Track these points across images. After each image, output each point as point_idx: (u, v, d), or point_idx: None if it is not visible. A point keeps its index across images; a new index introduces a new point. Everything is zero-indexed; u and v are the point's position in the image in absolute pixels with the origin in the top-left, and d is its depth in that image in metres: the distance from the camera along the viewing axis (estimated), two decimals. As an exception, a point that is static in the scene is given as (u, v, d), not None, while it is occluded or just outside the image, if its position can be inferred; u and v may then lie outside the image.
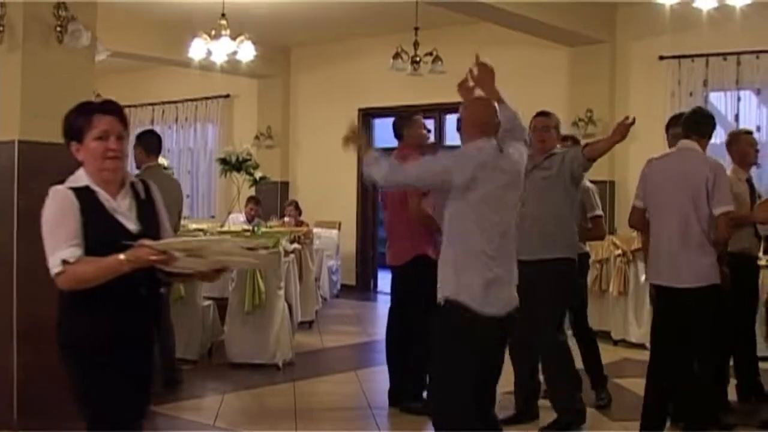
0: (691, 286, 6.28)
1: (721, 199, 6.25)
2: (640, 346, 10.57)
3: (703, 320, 6.34)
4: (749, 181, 7.74)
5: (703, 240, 6.28)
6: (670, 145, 7.40)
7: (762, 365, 7.93)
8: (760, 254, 8.17)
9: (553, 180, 6.98)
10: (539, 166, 7.01)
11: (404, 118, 8.10)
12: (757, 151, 8.14)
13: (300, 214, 14.09)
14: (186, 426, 7.33)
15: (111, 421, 4.04)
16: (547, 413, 7.20)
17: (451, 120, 15.35)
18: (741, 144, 7.82)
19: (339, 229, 15.50)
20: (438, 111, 15.42)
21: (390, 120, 16.31)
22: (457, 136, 5.97)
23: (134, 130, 13.11)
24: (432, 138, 8.06)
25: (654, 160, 6.66)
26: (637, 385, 8.10)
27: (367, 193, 16.35)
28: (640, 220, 6.65)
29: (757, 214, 6.35)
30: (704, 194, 6.25)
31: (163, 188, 8.24)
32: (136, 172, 8.49)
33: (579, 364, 7.63)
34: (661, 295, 6.47)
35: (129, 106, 19.25)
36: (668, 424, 6.62)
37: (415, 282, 7.54)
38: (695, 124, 6.57)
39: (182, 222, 9.71)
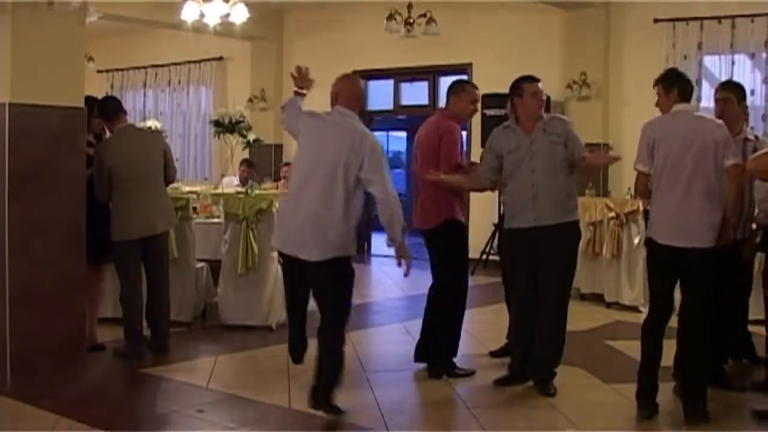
0: (698, 245, 6.31)
1: (730, 153, 6.32)
2: (633, 309, 10.62)
3: (703, 280, 6.38)
4: (746, 141, 7.73)
5: (716, 198, 6.32)
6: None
7: (753, 328, 7.94)
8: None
9: (561, 147, 7.02)
10: (547, 131, 7.06)
11: (457, 84, 7.86)
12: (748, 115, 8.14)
13: (294, 176, 14.04)
14: (179, 388, 7.34)
15: None
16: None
17: (444, 82, 15.33)
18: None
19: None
20: (432, 73, 15.41)
21: (384, 82, 16.39)
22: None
23: (127, 93, 13.16)
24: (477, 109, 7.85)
25: (656, 123, 6.63)
26: (629, 347, 8.15)
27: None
28: (647, 185, 6.61)
29: (749, 164, 6.34)
30: (713, 152, 6.29)
31: (127, 150, 8.28)
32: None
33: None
34: (663, 254, 6.48)
35: (122, 69, 19.25)
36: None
37: (445, 246, 7.65)
38: (686, 88, 6.59)
39: (176, 183, 9.68)
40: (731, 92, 7.27)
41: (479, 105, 7.95)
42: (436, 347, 7.70)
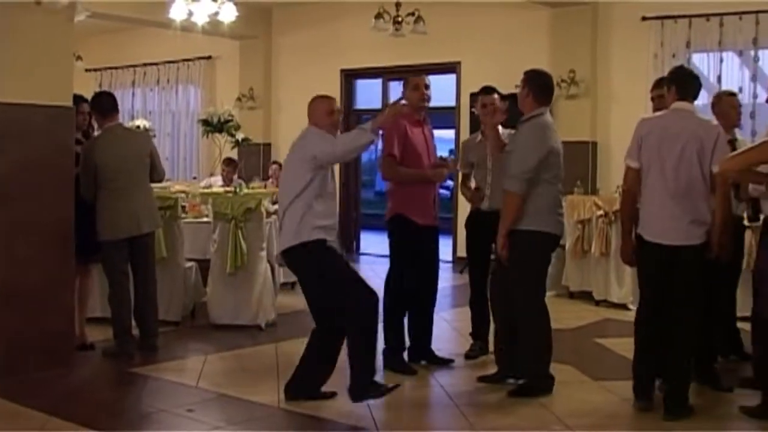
0: (686, 243, 6.36)
1: (718, 158, 6.32)
2: (622, 307, 10.65)
3: (690, 277, 6.43)
4: (732, 142, 7.74)
5: (703, 197, 6.36)
6: (655, 107, 7.43)
7: (741, 324, 7.97)
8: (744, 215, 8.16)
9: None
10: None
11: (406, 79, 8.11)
12: (739, 113, 8.16)
13: (283, 175, 14.03)
14: (168, 387, 7.35)
15: None
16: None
17: (432, 80, 15.34)
18: (724, 106, 7.81)
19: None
20: (421, 71, 15.34)
21: (373, 80, 16.40)
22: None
23: (116, 92, 13.12)
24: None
25: (650, 120, 6.67)
26: (618, 345, 8.18)
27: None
28: (636, 181, 6.63)
29: (720, 165, 6.35)
30: (700, 152, 6.33)
31: (116, 149, 8.29)
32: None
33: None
34: (653, 251, 6.50)
35: (110, 68, 19.21)
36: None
37: (391, 241, 7.88)
38: (685, 87, 6.61)
39: (164, 183, 9.68)
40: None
41: (429, 92, 7.89)
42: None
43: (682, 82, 6.65)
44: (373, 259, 15.28)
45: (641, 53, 12.63)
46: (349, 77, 16.37)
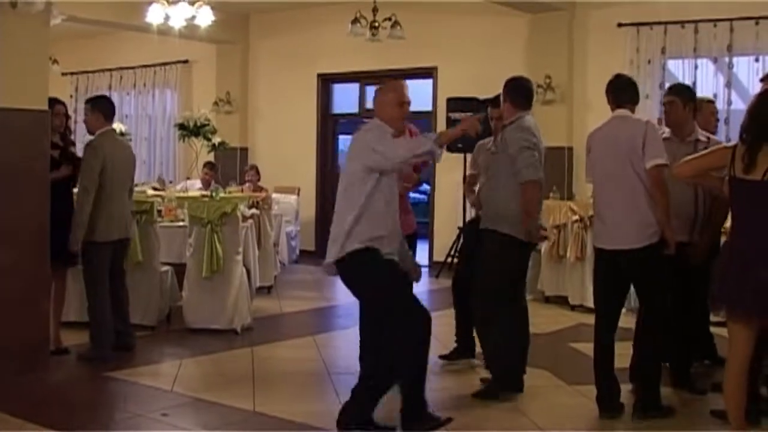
0: (634, 246, 6.45)
1: (653, 153, 6.39)
2: (597, 312, 10.68)
3: (648, 280, 6.54)
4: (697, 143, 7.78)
5: (645, 198, 6.43)
6: (665, 111, 7.54)
7: (715, 329, 8.01)
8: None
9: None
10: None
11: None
12: (717, 119, 8.23)
13: (259, 179, 14.07)
14: (144, 392, 7.33)
15: None
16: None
17: (409, 85, 15.35)
18: (704, 112, 7.86)
19: (298, 194, 15.48)
20: (398, 77, 15.36)
21: (350, 85, 16.41)
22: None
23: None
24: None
25: (592, 134, 6.82)
26: (592, 349, 8.19)
27: (327, 159, 16.38)
28: None
29: (674, 169, 6.40)
30: (633, 152, 6.42)
31: (117, 152, 8.36)
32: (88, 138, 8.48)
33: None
34: (606, 258, 6.61)
35: (86, 72, 19.15)
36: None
37: None
38: (623, 92, 6.71)
39: (141, 187, 9.69)
40: (675, 95, 7.36)
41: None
42: None
43: (613, 91, 6.76)
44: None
45: (617, 59, 12.67)
46: (326, 82, 16.37)
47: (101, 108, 8.50)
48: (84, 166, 8.17)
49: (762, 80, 7.39)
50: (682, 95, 7.34)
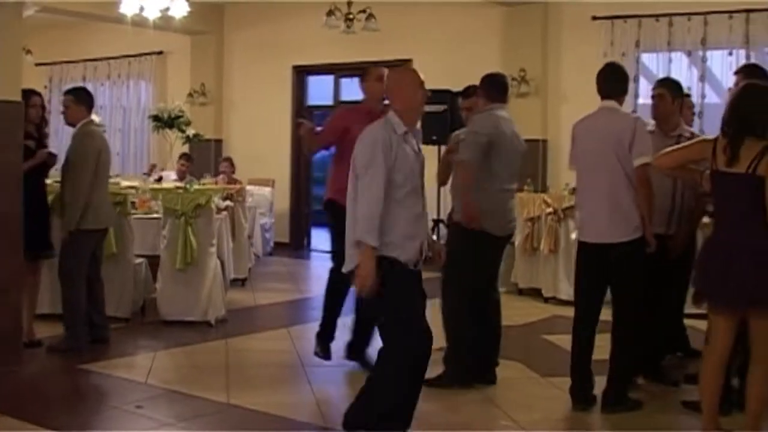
0: (621, 240, 6.46)
1: (641, 151, 6.40)
2: (570, 303, 10.61)
3: (630, 274, 6.53)
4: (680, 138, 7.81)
5: (627, 193, 6.45)
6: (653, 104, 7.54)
7: (689, 321, 8.07)
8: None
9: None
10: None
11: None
12: (693, 113, 8.26)
13: (234, 171, 14.06)
14: (118, 384, 7.31)
15: None
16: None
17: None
18: (683, 106, 7.89)
19: (273, 186, 15.48)
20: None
21: (324, 77, 16.40)
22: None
23: (67, 87, 13.04)
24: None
25: (579, 123, 6.79)
26: (566, 341, 8.16)
27: (301, 151, 16.34)
28: None
29: (654, 161, 6.43)
30: (619, 147, 6.42)
31: (104, 142, 8.37)
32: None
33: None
34: (589, 251, 6.63)
35: (60, 63, 19.06)
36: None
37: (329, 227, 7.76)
38: (614, 83, 6.72)
39: (114, 179, 9.67)
40: (665, 88, 7.37)
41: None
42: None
43: (600, 81, 6.75)
44: (323, 256, 15.26)
45: (591, 52, 12.71)
46: (301, 73, 16.38)
47: (84, 99, 8.50)
48: (82, 152, 8.21)
49: (736, 73, 7.40)
50: (671, 89, 7.36)
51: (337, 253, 7.33)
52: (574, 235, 10.64)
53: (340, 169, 6.97)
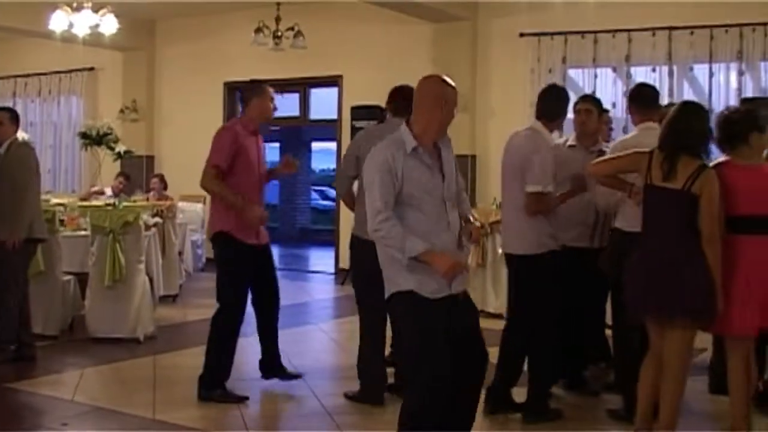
0: (520, 252, 6.70)
1: (532, 179, 6.53)
2: (498, 317, 10.80)
3: (532, 287, 6.70)
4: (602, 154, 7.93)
5: (522, 209, 6.64)
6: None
7: (610, 332, 8.19)
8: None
9: None
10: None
11: (255, 85, 7.77)
12: (611, 129, 8.41)
13: (165, 187, 14.03)
14: (43, 402, 7.30)
15: None
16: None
17: (315, 93, 15.52)
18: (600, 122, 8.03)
19: (204, 203, 15.43)
20: (303, 85, 15.53)
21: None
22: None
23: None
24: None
25: (510, 137, 6.96)
26: (493, 354, 8.30)
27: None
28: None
29: (589, 168, 6.56)
30: (518, 167, 6.61)
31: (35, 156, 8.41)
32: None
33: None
34: (507, 261, 6.98)
35: (-10, 78, 18.90)
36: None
37: (217, 259, 7.52)
38: (546, 104, 6.86)
39: (44, 196, 9.65)
40: (592, 104, 7.53)
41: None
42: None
43: (539, 101, 6.92)
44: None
45: (519, 68, 12.91)
46: (233, 90, 16.37)
47: (18, 119, 8.62)
48: (25, 165, 8.30)
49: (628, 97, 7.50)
50: (597, 105, 7.56)
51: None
52: (500, 250, 10.85)
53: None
